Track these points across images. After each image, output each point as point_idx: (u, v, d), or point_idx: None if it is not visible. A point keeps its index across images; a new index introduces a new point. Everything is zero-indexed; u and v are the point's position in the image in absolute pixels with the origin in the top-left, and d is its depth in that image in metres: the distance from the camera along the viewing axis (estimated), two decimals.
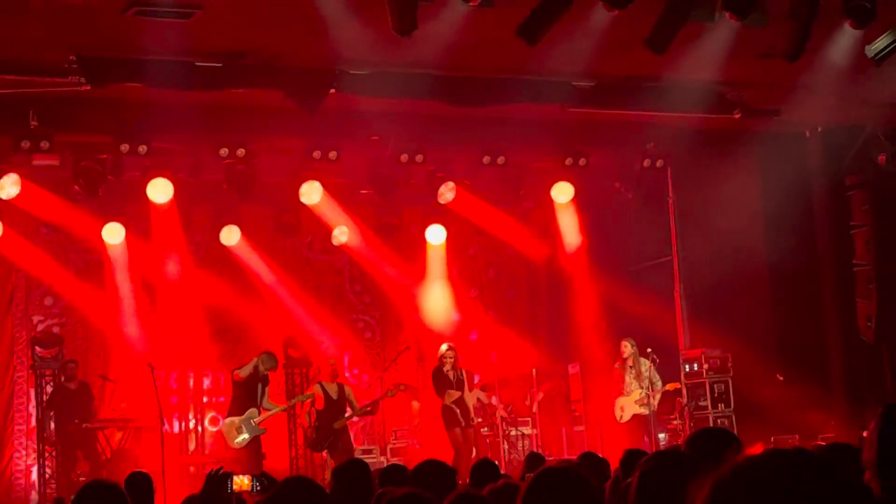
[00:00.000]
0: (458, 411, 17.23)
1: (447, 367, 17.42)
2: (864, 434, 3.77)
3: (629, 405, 17.88)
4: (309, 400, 17.51)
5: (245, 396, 17.08)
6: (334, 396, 17.22)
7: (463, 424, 17.25)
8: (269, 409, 17.27)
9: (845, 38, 13.76)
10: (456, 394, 17.32)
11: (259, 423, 16.99)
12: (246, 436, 16.87)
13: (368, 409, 17.94)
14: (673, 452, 4.99)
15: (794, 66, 13.43)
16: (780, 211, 18.62)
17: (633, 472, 4.29)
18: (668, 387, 18.09)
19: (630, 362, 18.00)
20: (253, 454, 16.84)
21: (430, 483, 6.45)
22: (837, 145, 18.82)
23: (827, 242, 19.10)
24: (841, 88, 15.69)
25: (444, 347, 17.68)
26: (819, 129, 18.93)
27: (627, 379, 18.00)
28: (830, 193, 18.96)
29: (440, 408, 17.45)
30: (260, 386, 17.24)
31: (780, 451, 2.29)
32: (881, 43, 13.32)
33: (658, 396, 17.91)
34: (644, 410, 17.77)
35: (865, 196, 18.53)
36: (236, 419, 16.94)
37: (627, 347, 18.04)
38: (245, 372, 16.95)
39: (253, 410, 16.96)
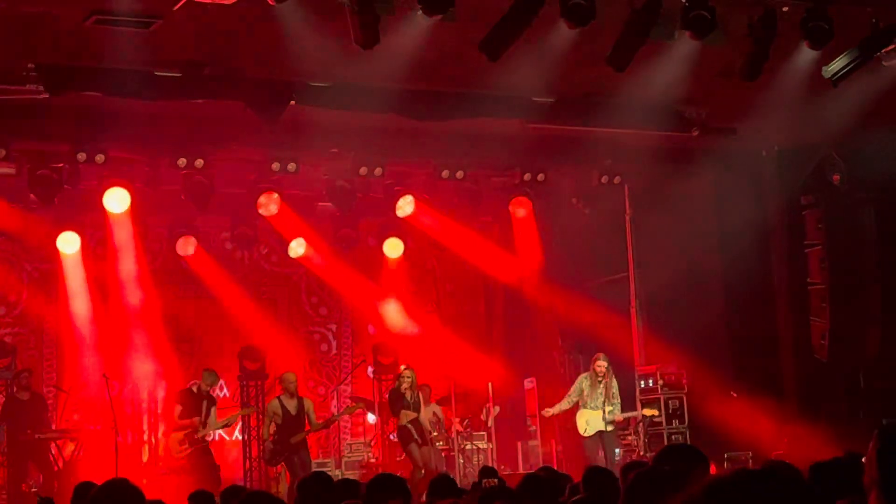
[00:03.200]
0: (413, 431, 17.28)
1: (405, 388, 17.44)
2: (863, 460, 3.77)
3: (595, 420, 17.65)
4: (266, 413, 17.44)
5: (185, 411, 17.12)
6: (293, 412, 17.16)
7: (420, 442, 17.29)
8: (214, 427, 17.33)
9: (803, 58, 13.89)
10: (412, 414, 17.35)
11: (202, 437, 17.02)
12: (188, 447, 16.89)
13: (323, 425, 17.93)
14: None
15: (751, 85, 13.57)
16: (735, 229, 18.73)
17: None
18: (646, 412, 18.10)
19: (607, 378, 17.78)
20: (204, 464, 16.83)
21: (385, 495, 6.47)
22: (793, 165, 18.98)
23: (781, 261, 19.24)
24: (798, 108, 15.83)
25: (402, 368, 17.75)
26: (775, 149, 19.09)
27: (594, 394, 17.78)
28: (785, 212, 19.11)
29: (396, 427, 17.52)
30: (205, 403, 17.28)
31: (750, 471, 2.30)
32: (838, 64, 13.46)
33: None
34: (610, 427, 17.70)
35: (819, 215, 18.69)
36: (180, 433, 16.98)
37: (603, 364, 17.81)
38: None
39: (195, 422, 17.05)
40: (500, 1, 11.99)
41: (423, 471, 16.98)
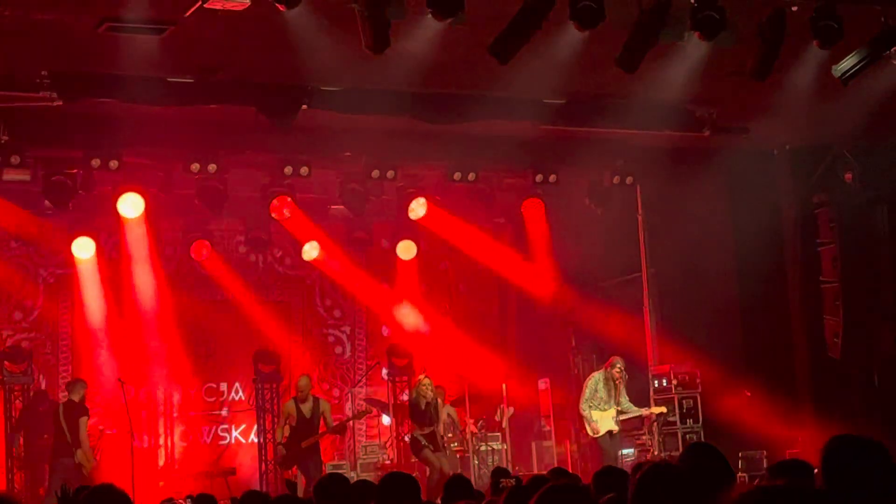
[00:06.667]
0: (422, 440, 17.24)
1: (424, 403, 17.31)
2: None
3: (605, 421, 17.72)
4: (280, 413, 17.46)
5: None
6: (307, 414, 17.20)
7: (432, 448, 17.23)
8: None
9: (812, 57, 13.90)
10: (428, 428, 17.27)
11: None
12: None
13: (336, 429, 17.96)
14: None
15: (762, 85, 13.58)
16: (748, 228, 18.74)
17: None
18: (654, 410, 18.12)
19: (620, 381, 17.82)
20: None
21: (397, 494, 6.51)
22: (805, 164, 18.98)
23: (794, 260, 19.24)
24: (808, 108, 15.83)
25: (421, 377, 17.66)
26: (787, 148, 19.09)
27: (607, 395, 17.82)
28: (798, 211, 19.11)
29: (409, 437, 17.51)
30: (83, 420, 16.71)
31: (773, 488, 2.29)
32: (847, 63, 13.46)
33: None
34: (617, 427, 17.77)
35: (832, 214, 18.69)
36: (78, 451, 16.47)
37: (619, 367, 17.82)
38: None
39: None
40: (509, 4, 12.03)
41: (438, 473, 16.95)
